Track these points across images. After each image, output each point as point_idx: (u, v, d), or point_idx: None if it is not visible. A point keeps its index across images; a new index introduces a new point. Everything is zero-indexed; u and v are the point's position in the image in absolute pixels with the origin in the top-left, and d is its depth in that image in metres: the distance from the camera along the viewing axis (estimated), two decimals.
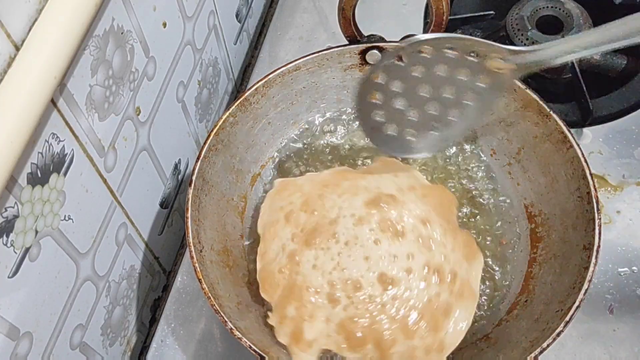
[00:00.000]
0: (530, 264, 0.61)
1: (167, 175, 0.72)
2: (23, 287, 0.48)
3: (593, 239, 0.55)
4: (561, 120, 0.61)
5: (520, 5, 0.78)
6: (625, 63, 0.77)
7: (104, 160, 0.57)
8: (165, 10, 0.64)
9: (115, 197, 0.61)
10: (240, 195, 0.66)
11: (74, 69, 0.49)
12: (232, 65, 0.87)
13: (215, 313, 0.53)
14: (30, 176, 0.46)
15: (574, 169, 0.59)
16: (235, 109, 0.64)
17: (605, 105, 0.76)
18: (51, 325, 0.53)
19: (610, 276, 0.66)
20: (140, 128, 0.63)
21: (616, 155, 0.73)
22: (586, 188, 0.58)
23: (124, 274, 0.65)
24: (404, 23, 0.86)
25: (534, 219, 0.63)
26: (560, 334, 0.51)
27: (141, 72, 0.61)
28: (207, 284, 0.55)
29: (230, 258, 0.61)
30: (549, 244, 0.60)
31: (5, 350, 0.47)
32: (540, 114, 0.62)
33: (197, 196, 0.59)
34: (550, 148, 0.62)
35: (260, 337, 0.55)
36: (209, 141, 0.62)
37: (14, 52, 0.42)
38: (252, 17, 0.93)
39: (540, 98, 0.62)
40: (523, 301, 0.59)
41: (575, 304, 0.52)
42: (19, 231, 0.46)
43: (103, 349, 0.64)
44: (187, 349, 0.66)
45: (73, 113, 0.51)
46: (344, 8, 0.64)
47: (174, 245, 0.78)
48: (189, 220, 0.57)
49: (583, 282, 0.53)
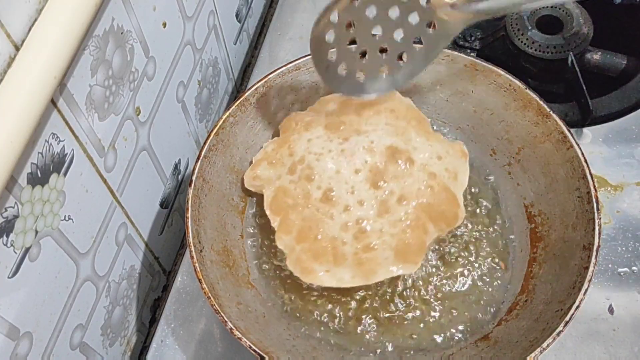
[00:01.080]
0: (530, 264, 0.61)
1: (167, 175, 0.72)
2: (23, 287, 0.48)
3: (593, 239, 0.55)
4: (561, 120, 0.61)
5: None
6: (625, 63, 0.77)
7: (104, 160, 0.57)
8: (165, 10, 0.64)
9: (115, 197, 0.61)
10: (240, 195, 0.66)
11: (74, 69, 0.49)
12: (232, 65, 0.87)
13: (215, 313, 0.53)
14: (30, 176, 0.46)
15: (574, 169, 0.59)
16: (235, 109, 0.64)
17: (605, 105, 0.76)
18: (51, 325, 0.53)
19: (610, 276, 0.66)
20: (140, 128, 0.63)
21: (616, 155, 0.73)
22: (586, 188, 0.58)
23: (124, 274, 0.65)
24: None
25: (534, 219, 0.63)
26: (560, 334, 0.51)
27: (141, 72, 0.61)
28: (207, 284, 0.55)
29: (230, 258, 0.61)
30: (549, 244, 0.60)
31: (5, 350, 0.47)
32: (540, 114, 0.62)
33: (197, 196, 0.59)
34: (550, 148, 0.62)
35: (260, 337, 0.55)
36: (209, 141, 0.62)
37: (14, 52, 0.42)
38: (252, 17, 0.93)
39: (540, 98, 0.62)
40: (523, 301, 0.59)
41: (575, 304, 0.52)
42: (19, 231, 0.46)
43: (103, 349, 0.64)
44: (187, 349, 0.66)
45: (73, 113, 0.51)
46: None
47: (174, 245, 0.78)
48: (189, 220, 0.57)
49: (583, 282, 0.53)
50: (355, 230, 0.56)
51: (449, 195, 0.58)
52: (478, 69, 0.65)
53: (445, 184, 0.58)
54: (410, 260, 0.55)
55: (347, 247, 0.56)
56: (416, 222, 0.57)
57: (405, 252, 0.55)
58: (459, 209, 0.58)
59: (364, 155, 0.59)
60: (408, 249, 0.56)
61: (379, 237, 0.56)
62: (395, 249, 0.56)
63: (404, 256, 0.55)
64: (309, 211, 0.58)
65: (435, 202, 0.57)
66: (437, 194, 0.58)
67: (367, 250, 0.56)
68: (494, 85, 0.65)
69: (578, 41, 0.75)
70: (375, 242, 0.56)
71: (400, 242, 0.56)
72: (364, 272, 0.55)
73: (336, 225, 0.57)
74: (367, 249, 0.56)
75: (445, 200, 0.58)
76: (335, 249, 0.56)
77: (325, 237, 0.57)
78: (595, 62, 0.77)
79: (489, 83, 0.65)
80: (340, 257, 0.56)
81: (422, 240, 0.56)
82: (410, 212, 0.57)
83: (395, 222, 0.56)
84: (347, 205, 0.57)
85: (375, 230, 0.56)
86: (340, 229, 0.57)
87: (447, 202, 0.58)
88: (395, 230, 0.56)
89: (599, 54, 0.76)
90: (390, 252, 0.56)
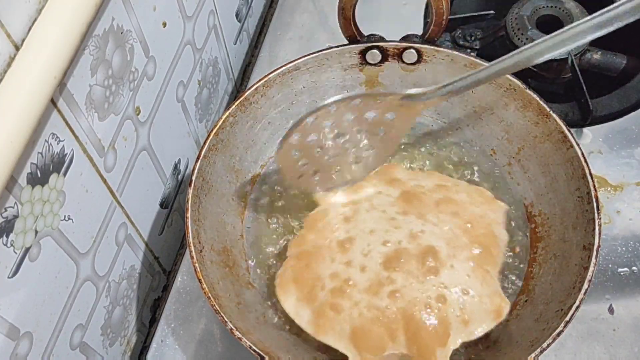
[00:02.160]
0: (530, 264, 0.61)
1: (167, 175, 0.72)
2: (23, 287, 0.48)
3: (593, 239, 0.55)
4: (561, 120, 0.61)
5: (520, 5, 0.78)
6: (625, 63, 0.77)
7: (104, 160, 0.57)
8: (165, 10, 0.64)
9: (115, 197, 0.61)
10: (240, 195, 0.66)
11: (73, 69, 0.49)
12: (232, 65, 0.87)
13: (215, 313, 0.53)
14: (30, 176, 0.46)
15: (574, 169, 0.59)
16: (235, 109, 0.64)
17: (605, 105, 0.76)
18: (51, 325, 0.53)
19: (610, 276, 0.66)
20: (140, 128, 0.63)
21: (616, 155, 0.73)
22: (586, 188, 0.58)
23: (124, 274, 0.65)
24: (404, 23, 0.86)
25: (534, 219, 0.63)
26: (560, 334, 0.51)
27: (141, 72, 0.61)
28: (207, 284, 0.55)
29: (230, 258, 0.61)
30: (549, 244, 0.60)
31: (5, 350, 0.47)
32: (540, 113, 0.62)
33: (197, 196, 0.59)
34: (550, 148, 0.62)
35: (260, 337, 0.55)
36: (209, 141, 0.62)
37: (14, 52, 0.42)
38: (252, 17, 0.93)
39: (540, 98, 0.62)
40: (523, 301, 0.59)
41: (575, 304, 0.52)
42: (19, 231, 0.46)
43: (103, 349, 0.64)
44: (187, 349, 0.66)
45: (73, 113, 0.51)
46: (344, 8, 0.64)
47: (174, 245, 0.78)
48: (189, 220, 0.57)
49: (583, 282, 0.53)
50: (338, 285, 0.56)
51: (437, 329, 0.54)
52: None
53: (444, 319, 0.54)
54: (362, 349, 0.53)
55: (322, 293, 0.56)
56: (391, 323, 0.54)
57: (360, 339, 0.54)
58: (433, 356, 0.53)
59: (404, 237, 0.57)
60: (364, 338, 0.53)
61: (351, 306, 0.55)
62: (353, 329, 0.54)
63: (356, 341, 0.54)
64: (324, 243, 0.59)
65: (418, 326, 0.53)
66: (423, 321, 0.53)
67: (333, 309, 0.55)
68: (494, 85, 0.65)
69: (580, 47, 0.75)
70: (345, 306, 0.55)
71: (361, 328, 0.54)
72: (318, 325, 0.55)
73: (329, 269, 0.57)
74: (334, 308, 0.55)
75: (430, 332, 0.53)
76: (314, 287, 0.56)
77: (313, 271, 0.57)
78: (595, 62, 0.77)
79: (489, 83, 0.65)
80: (312, 296, 0.56)
81: (382, 343, 0.53)
82: (393, 311, 0.54)
83: (373, 307, 0.54)
84: (350, 262, 0.57)
85: (352, 298, 0.55)
86: (330, 274, 0.57)
87: (430, 335, 0.53)
88: (368, 313, 0.54)
89: (599, 54, 0.76)
90: (348, 328, 0.54)
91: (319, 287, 0.56)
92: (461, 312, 0.54)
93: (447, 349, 0.53)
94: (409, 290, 0.55)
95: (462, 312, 0.54)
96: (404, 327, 0.54)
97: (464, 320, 0.54)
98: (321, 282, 0.56)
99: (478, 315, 0.55)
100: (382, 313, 0.54)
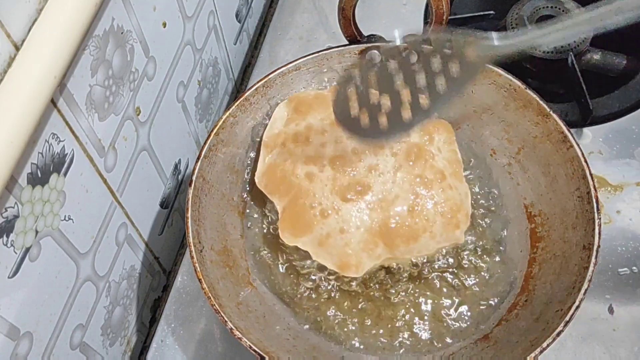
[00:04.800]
0: (530, 264, 0.61)
1: (167, 175, 0.72)
2: (23, 287, 0.48)
3: (593, 239, 0.55)
4: (561, 120, 0.61)
5: (520, 5, 0.78)
6: (625, 63, 0.77)
7: (104, 160, 0.57)
8: (165, 10, 0.64)
9: (115, 197, 0.61)
10: (240, 195, 0.66)
11: (74, 69, 0.49)
12: (232, 65, 0.87)
13: (215, 313, 0.53)
14: (30, 176, 0.46)
15: (574, 169, 0.59)
16: (235, 109, 0.64)
17: (605, 105, 0.76)
18: (51, 325, 0.53)
19: (610, 276, 0.66)
20: (140, 128, 0.63)
21: (616, 155, 0.73)
22: (586, 188, 0.58)
23: (124, 274, 0.65)
24: (404, 23, 0.86)
25: (534, 219, 0.63)
26: (560, 334, 0.51)
27: (141, 72, 0.61)
28: (207, 284, 0.55)
29: (230, 258, 0.61)
30: (548, 244, 0.60)
31: (5, 350, 0.47)
32: (540, 113, 0.62)
33: (197, 196, 0.59)
34: (550, 148, 0.62)
35: (260, 337, 0.55)
36: (209, 141, 0.62)
37: (14, 52, 0.42)
38: (252, 17, 0.93)
39: (540, 98, 0.62)
40: (523, 301, 0.59)
41: (575, 304, 0.52)
42: (19, 231, 0.46)
43: (103, 349, 0.64)
44: (187, 349, 0.66)
45: (73, 113, 0.51)
46: (344, 8, 0.64)
47: (174, 245, 0.78)
48: (189, 220, 0.57)
49: (583, 282, 0.53)
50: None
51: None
52: None
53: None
54: (345, 267, 0.57)
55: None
56: (367, 242, 0.57)
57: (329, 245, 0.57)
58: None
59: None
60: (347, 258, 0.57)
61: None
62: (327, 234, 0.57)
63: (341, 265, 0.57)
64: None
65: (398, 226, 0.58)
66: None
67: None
68: (494, 85, 0.65)
69: (578, 41, 0.75)
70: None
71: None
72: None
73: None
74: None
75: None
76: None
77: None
78: (595, 62, 0.77)
79: (489, 83, 0.65)
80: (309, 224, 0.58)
81: (362, 256, 0.57)
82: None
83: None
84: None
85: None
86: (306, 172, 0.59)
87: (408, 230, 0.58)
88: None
89: (599, 54, 0.76)
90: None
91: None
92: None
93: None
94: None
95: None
96: (382, 239, 0.57)
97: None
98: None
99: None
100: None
